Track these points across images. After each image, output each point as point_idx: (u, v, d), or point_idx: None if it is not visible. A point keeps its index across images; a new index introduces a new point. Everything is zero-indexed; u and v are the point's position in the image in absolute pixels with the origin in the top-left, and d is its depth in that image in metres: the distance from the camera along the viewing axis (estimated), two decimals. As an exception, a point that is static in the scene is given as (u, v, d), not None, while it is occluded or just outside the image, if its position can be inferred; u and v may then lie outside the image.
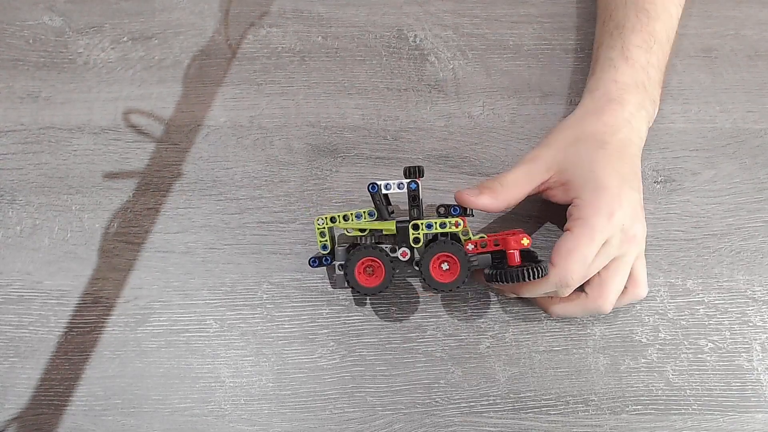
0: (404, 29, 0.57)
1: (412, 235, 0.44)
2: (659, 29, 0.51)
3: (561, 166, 0.45)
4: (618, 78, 0.48)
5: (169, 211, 0.51)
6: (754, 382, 0.47)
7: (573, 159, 0.45)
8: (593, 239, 0.42)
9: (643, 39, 0.50)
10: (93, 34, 0.56)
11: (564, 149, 0.45)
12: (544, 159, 0.45)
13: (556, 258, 0.42)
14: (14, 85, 0.54)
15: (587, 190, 0.43)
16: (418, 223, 0.44)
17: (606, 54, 0.49)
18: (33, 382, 0.46)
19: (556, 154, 0.45)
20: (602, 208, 0.43)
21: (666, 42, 0.51)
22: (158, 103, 0.54)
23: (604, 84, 0.48)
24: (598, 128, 0.46)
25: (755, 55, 0.57)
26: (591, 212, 0.43)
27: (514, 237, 0.43)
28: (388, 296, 0.49)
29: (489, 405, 0.46)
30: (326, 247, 0.46)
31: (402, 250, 0.44)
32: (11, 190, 0.51)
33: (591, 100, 0.48)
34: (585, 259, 0.42)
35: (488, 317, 0.48)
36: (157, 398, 0.46)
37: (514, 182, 0.45)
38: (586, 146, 0.45)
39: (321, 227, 0.45)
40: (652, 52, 0.50)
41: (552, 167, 0.45)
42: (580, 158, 0.44)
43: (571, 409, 0.46)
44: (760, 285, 0.50)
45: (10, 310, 0.48)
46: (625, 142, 0.46)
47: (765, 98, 0.55)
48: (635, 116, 0.47)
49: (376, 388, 0.47)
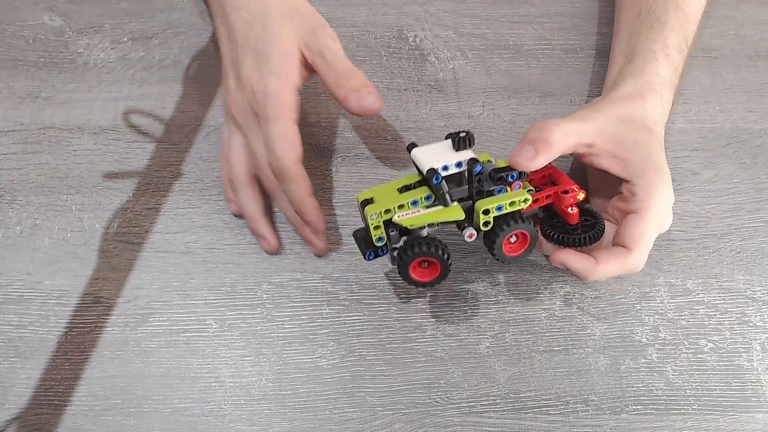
0: (404, 29, 0.57)
1: (482, 219, 0.42)
2: (690, 33, 0.52)
3: (614, 139, 0.44)
4: (659, 72, 0.48)
5: (169, 211, 0.51)
6: (754, 382, 0.47)
7: (627, 137, 0.44)
8: (660, 225, 0.44)
9: (678, 41, 0.50)
10: (93, 34, 0.56)
11: (615, 123, 0.45)
12: (595, 123, 0.45)
13: (630, 243, 0.43)
14: (14, 85, 0.54)
15: (649, 173, 0.44)
16: (488, 207, 0.42)
17: (647, 45, 0.49)
18: (33, 382, 0.46)
19: (608, 124, 0.45)
20: (665, 194, 0.44)
21: (690, 46, 0.52)
22: (158, 103, 0.54)
23: (648, 74, 0.48)
24: (644, 115, 0.46)
25: (755, 55, 0.57)
26: (657, 198, 0.44)
27: (570, 193, 0.43)
28: (388, 296, 0.49)
29: (489, 405, 0.46)
30: (382, 239, 0.43)
31: (468, 231, 0.42)
32: (11, 190, 0.51)
33: (634, 86, 0.48)
34: (652, 242, 0.44)
35: (488, 317, 0.48)
36: (157, 398, 0.46)
37: (566, 134, 0.43)
38: (639, 129, 0.45)
39: (376, 222, 0.42)
40: (683, 55, 0.51)
41: (603, 135, 0.44)
42: (636, 140, 0.44)
43: (571, 409, 0.46)
44: (760, 285, 0.50)
45: (10, 310, 0.48)
46: (661, 131, 0.47)
47: (765, 98, 0.55)
48: (666, 113, 0.48)
49: (376, 388, 0.47)
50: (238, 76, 0.46)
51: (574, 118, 0.45)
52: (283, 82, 0.44)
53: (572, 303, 0.49)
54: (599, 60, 0.56)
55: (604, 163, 0.45)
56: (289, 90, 0.45)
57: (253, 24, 0.46)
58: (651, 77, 0.48)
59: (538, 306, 0.49)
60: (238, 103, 0.46)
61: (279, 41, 0.45)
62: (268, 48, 0.45)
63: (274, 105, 0.44)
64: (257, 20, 0.46)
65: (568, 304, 0.49)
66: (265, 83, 0.44)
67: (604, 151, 0.44)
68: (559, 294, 0.49)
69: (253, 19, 0.46)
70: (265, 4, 0.46)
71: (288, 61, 0.45)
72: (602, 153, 0.44)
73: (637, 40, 0.50)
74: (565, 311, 0.49)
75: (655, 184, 0.43)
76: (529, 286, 0.49)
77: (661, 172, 0.44)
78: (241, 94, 0.46)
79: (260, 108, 0.45)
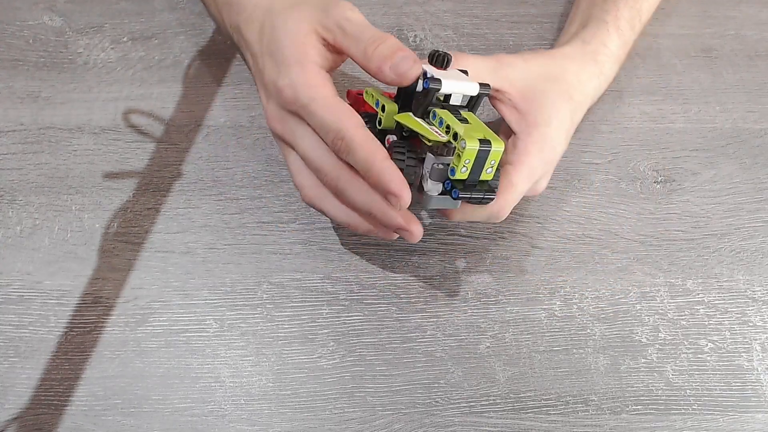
0: (404, 29, 0.57)
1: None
2: (645, 10, 0.52)
3: (527, 93, 0.44)
4: (608, 43, 0.48)
5: (169, 211, 0.51)
6: (754, 382, 0.47)
7: (541, 95, 0.44)
8: (531, 179, 0.43)
9: (631, 15, 0.51)
10: (93, 34, 0.56)
11: (536, 78, 0.44)
12: (514, 71, 0.44)
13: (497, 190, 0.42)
14: (14, 85, 0.54)
15: (536, 134, 0.43)
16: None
17: (600, 15, 0.50)
18: (33, 382, 0.46)
19: (528, 78, 0.44)
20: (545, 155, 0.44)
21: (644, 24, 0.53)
22: (158, 103, 0.54)
23: (596, 42, 0.48)
24: (574, 81, 0.46)
25: (755, 55, 0.57)
26: (534, 156, 0.43)
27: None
28: (388, 296, 0.49)
29: (489, 405, 0.46)
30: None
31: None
32: (11, 190, 0.51)
33: (581, 50, 0.48)
34: (520, 196, 0.43)
35: (488, 317, 0.48)
36: (157, 398, 0.46)
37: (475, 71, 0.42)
38: (558, 92, 0.45)
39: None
40: (635, 30, 0.51)
41: (517, 85, 0.44)
42: (547, 100, 0.44)
43: (571, 409, 0.46)
44: (760, 285, 0.50)
45: (10, 310, 0.48)
46: (584, 102, 0.47)
47: (765, 98, 0.55)
48: (601, 87, 0.49)
49: (376, 388, 0.47)
50: (265, 87, 0.43)
51: (495, 59, 0.44)
52: (304, 67, 0.41)
53: (572, 303, 0.49)
54: (599, 60, 0.56)
55: (503, 109, 0.44)
56: (314, 70, 0.41)
57: (263, 30, 0.44)
58: (598, 46, 0.48)
59: (538, 306, 0.49)
60: (275, 114, 0.43)
61: (288, 33, 0.42)
62: (279, 45, 0.42)
63: (305, 91, 0.40)
64: (266, 25, 0.44)
65: (568, 304, 0.49)
66: (288, 77, 0.40)
67: (508, 99, 0.44)
68: (559, 294, 0.49)
69: (262, 27, 0.44)
70: (270, 7, 0.44)
71: (302, 47, 0.41)
72: (506, 101, 0.44)
73: (592, 9, 0.51)
74: (565, 311, 0.49)
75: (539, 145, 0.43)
76: (529, 286, 0.49)
77: (549, 140, 0.43)
78: (273, 103, 0.42)
79: (294, 104, 0.40)
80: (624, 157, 0.53)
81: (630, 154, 0.53)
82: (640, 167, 0.53)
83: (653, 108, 0.55)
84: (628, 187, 0.52)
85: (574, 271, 0.50)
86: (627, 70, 0.55)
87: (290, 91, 0.40)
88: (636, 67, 0.56)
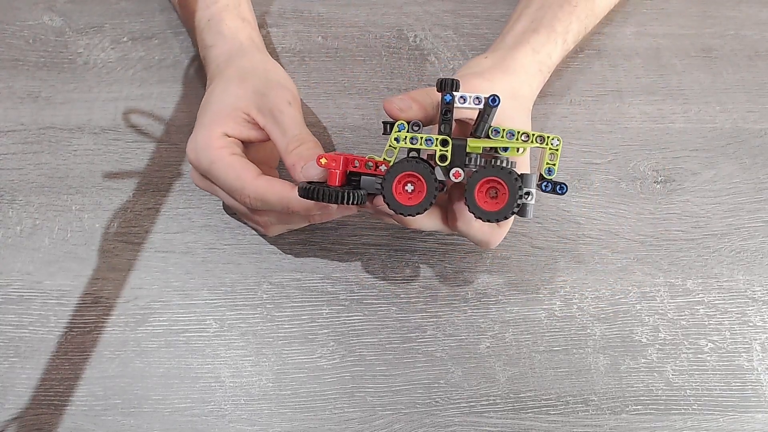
0: (404, 29, 0.57)
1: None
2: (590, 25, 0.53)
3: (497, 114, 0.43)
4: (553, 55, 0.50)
5: (169, 211, 0.51)
6: (754, 382, 0.47)
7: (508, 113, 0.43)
8: None
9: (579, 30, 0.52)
10: (93, 34, 0.56)
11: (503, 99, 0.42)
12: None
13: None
14: (14, 85, 0.54)
15: None
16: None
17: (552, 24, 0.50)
18: (33, 382, 0.46)
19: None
20: None
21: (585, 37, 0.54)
22: (158, 103, 0.54)
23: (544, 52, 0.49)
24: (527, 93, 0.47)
25: (755, 55, 0.57)
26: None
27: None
28: (388, 296, 0.49)
29: (489, 405, 0.46)
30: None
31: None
32: (11, 190, 0.51)
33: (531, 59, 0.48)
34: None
35: (488, 317, 0.48)
36: (157, 398, 0.46)
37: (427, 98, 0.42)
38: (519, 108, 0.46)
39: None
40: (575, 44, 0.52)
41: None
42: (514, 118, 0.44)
43: (571, 409, 0.46)
44: (760, 285, 0.50)
45: (10, 310, 0.48)
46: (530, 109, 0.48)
47: (765, 98, 0.55)
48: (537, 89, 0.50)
49: (376, 388, 0.47)
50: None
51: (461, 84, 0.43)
52: (211, 132, 0.43)
53: (572, 303, 0.49)
54: (599, 60, 0.56)
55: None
56: (218, 135, 0.43)
57: (208, 89, 0.47)
58: (544, 57, 0.49)
59: (538, 306, 0.49)
60: (192, 173, 0.46)
61: (218, 101, 0.44)
62: (206, 108, 0.45)
63: (204, 153, 0.43)
64: (211, 85, 0.47)
65: (568, 304, 0.49)
66: (194, 140, 0.43)
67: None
68: (559, 294, 0.49)
69: (212, 84, 0.47)
70: (222, 72, 0.46)
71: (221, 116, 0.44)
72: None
73: (546, 12, 0.51)
74: (565, 311, 0.49)
75: None
76: (529, 286, 0.49)
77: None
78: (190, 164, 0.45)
79: (199, 167, 0.44)
80: (624, 157, 0.53)
81: (630, 154, 0.53)
82: (640, 167, 0.53)
83: (653, 108, 0.55)
84: (628, 187, 0.52)
85: (574, 271, 0.50)
86: (627, 70, 0.55)
87: (193, 154, 0.43)
88: (636, 67, 0.56)
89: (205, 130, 0.43)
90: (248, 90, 0.45)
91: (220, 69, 0.47)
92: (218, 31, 0.49)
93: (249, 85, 0.45)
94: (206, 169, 0.43)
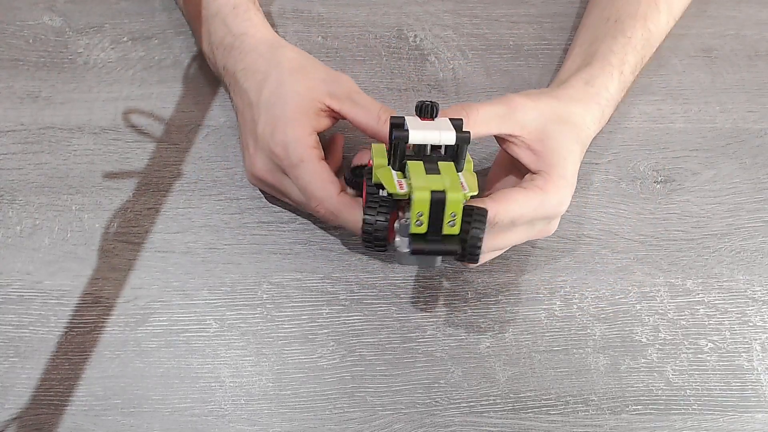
0: (404, 29, 0.57)
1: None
2: (648, 55, 0.52)
3: (540, 134, 0.44)
4: (610, 87, 0.48)
5: (169, 211, 0.51)
6: (754, 382, 0.47)
7: (555, 137, 0.44)
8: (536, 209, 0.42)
9: (636, 61, 0.50)
10: (93, 34, 0.56)
11: (547, 120, 0.44)
12: (524, 113, 0.44)
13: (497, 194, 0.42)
14: (14, 85, 0.54)
15: (555, 174, 0.43)
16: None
17: (606, 57, 0.49)
18: (33, 382, 0.46)
19: (539, 119, 0.44)
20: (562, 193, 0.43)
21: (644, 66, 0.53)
22: (158, 103, 0.54)
23: (599, 85, 0.48)
24: (580, 122, 0.46)
25: (755, 55, 0.57)
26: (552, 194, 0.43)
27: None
28: (388, 296, 0.49)
29: (489, 405, 0.46)
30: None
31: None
32: (11, 190, 0.51)
33: (584, 91, 0.47)
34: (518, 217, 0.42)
35: (488, 317, 0.48)
36: (157, 398, 0.46)
37: (485, 119, 0.43)
38: (568, 133, 0.45)
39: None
40: (634, 75, 0.51)
41: (530, 128, 0.44)
42: (561, 142, 0.44)
43: (571, 409, 0.46)
44: (760, 285, 0.50)
45: (10, 310, 0.48)
46: (587, 144, 0.47)
47: (765, 98, 0.55)
48: (598, 130, 0.49)
49: (376, 388, 0.47)
50: (255, 137, 0.45)
51: (506, 105, 0.44)
52: (299, 126, 0.44)
53: (572, 303, 0.49)
54: (599, 60, 0.56)
55: (517, 150, 0.44)
56: (308, 131, 0.44)
57: (267, 83, 0.46)
58: (600, 89, 0.48)
59: (538, 306, 0.49)
60: (261, 163, 0.46)
61: (295, 94, 0.45)
62: (282, 102, 0.45)
63: (295, 150, 0.43)
64: (271, 78, 0.46)
65: (568, 304, 0.49)
66: (282, 134, 0.44)
67: (522, 142, 0.44)
68: (559, 294, 0.49)
69: (265, 79, 0.46)
70: (278, 63, 0.46)
71: (304, 109, 0.44)
72: (520, 143, 0.44)
73: (599, 46, 0.50)
74: (565, 311, 0.49)
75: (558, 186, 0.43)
76: (529, 286, 0.49)
77: (567, 183, 0.44)
78: (262, 153, 0.45)
79: (284, 160, 0.44)
80: (624, 157, 0.53)
81: (630, 154, 0.53)
82: (640, 167, 0.53)
83: (653, 108, 0.55)
84: (628, 187, 0.52)
85: (574, 271, 0.50)
86: (627, 70, 0.55)
87: (281, 149, 0.43)
88: (636, 67, 0.56)
89: (296, 124, 0.44)
90: (316, 80, 0.45)
91: (266, 59, 0.47)
92: (247, 18, 0.49)
93: (313, 75, 0.46)
94: (293, 164, 0.43)
